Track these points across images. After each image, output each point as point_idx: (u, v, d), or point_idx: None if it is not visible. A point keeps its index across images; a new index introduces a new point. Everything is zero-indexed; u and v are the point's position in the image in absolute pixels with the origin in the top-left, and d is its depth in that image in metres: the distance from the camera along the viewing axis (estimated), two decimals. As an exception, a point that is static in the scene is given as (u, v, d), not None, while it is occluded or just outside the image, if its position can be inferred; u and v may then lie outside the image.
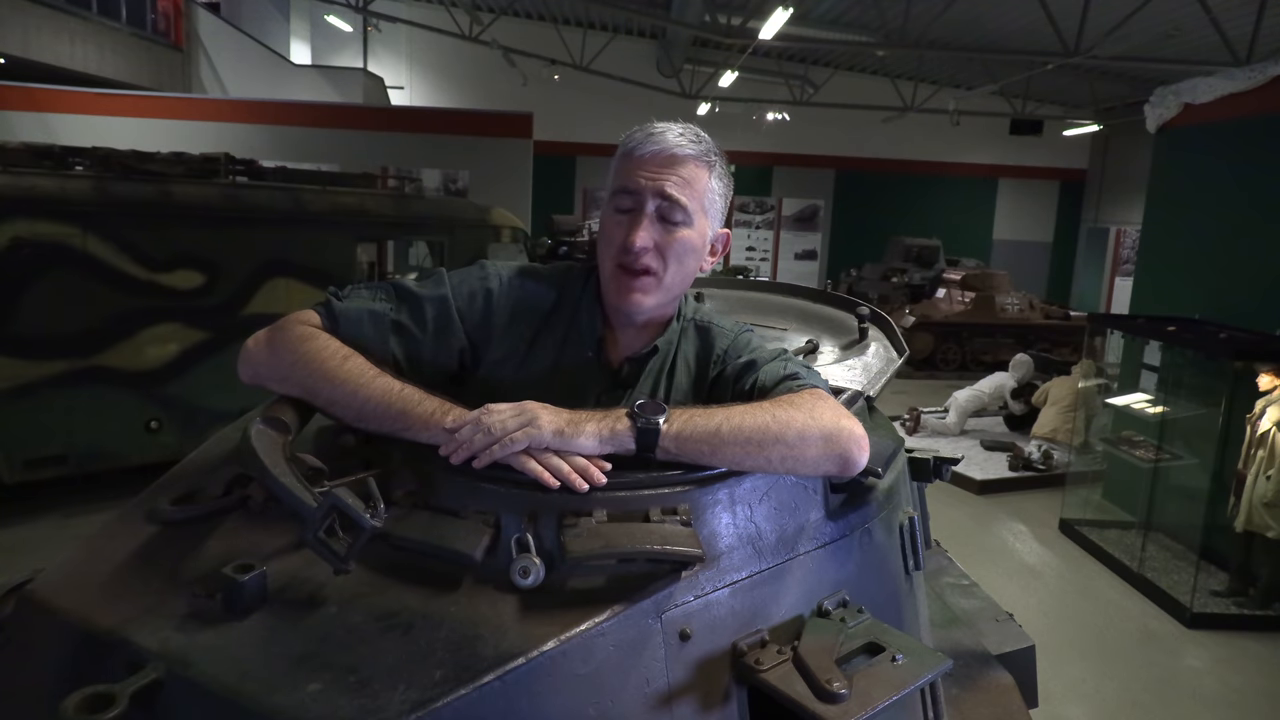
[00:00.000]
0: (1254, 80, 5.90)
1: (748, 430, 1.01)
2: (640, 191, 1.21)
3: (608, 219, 1.25)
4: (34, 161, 5.36)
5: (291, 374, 1.08)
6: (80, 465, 5.41)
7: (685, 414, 1.02)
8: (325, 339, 1.10)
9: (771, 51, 14.67)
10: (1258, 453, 4.71)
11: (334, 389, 1.06)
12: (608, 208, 1.26)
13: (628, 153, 1.23)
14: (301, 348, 1.09)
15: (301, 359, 1.08)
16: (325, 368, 1.07)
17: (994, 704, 1.70)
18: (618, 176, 1.24)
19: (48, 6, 11.67)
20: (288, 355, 1.08)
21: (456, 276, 1.25)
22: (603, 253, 1.25)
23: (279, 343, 1.10)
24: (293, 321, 1.12)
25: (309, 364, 1.07)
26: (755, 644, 0.94)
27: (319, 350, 1.08)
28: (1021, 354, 9.31)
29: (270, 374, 1.10)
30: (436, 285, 1.23)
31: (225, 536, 0.99)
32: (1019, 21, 11.56)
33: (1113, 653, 4.59)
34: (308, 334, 1.10)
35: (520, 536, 0.90)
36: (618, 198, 1.23)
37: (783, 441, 1.02)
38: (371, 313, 1.16)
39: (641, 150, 1.21)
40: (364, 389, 1.05)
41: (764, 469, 1.04)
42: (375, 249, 7.35)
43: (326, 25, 17.54)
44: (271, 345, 1.10)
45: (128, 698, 0.75)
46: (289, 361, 1.08)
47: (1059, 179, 19.12)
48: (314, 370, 1.07)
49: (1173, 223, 6.83)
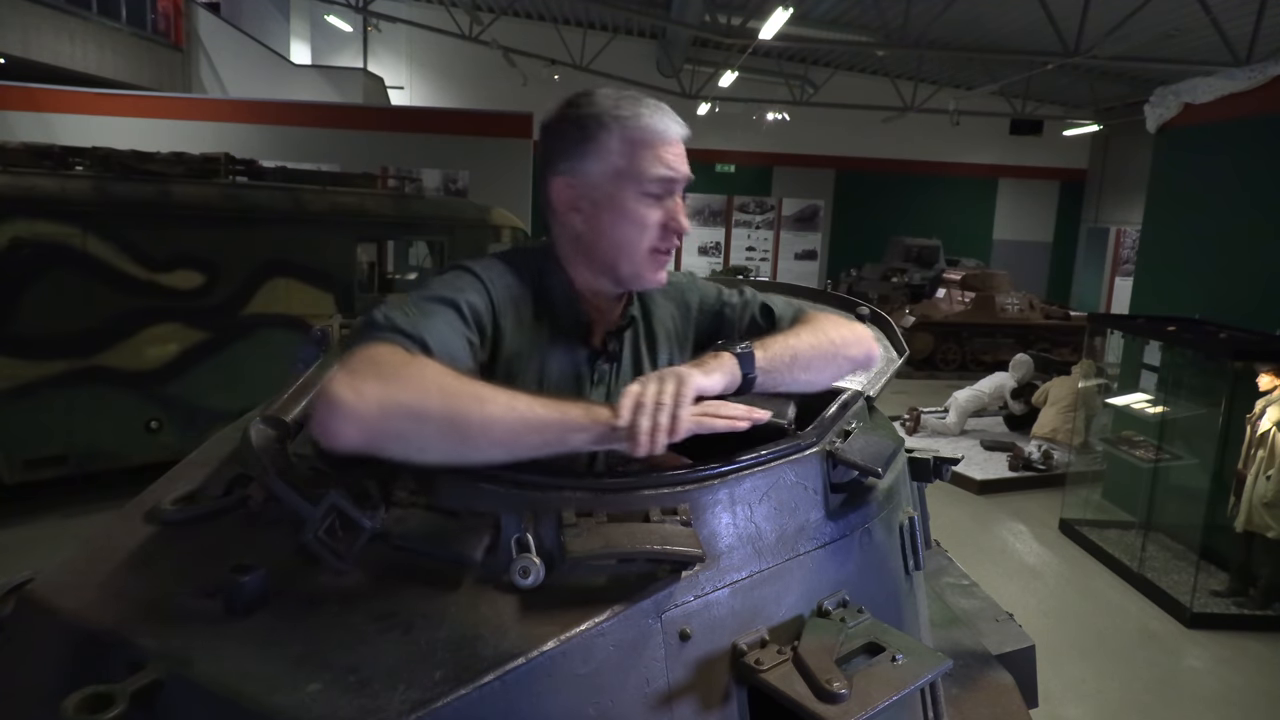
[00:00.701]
0: (1254, 80, 5.90)
1: (817, 348, 1.24)
2: (682, 176, 1.23)
3: (632, 203, 1.21)
4: (34, 161, 5.36)
5: (426, 407, 0.88)
6: (80, 465, 5.41)
7: (760, 344, 1.19)
8: (438, 364, 0.94)
9: (771, 51, 14.67)
10: (1258, 453, 4.70)
11: (486, 409, 0.90)
12: (626, 191, 1.21)
13: (650, 137, 1.21)
14: (427, 373, 0.91)
15: (437, 386, 0.90)
16: (468, 389, 0.91)
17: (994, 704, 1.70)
18: (644, 161, 1.20)
19: (48, 6, 11.67)
20: (414, 387, 0.89)
21: (452, 285, 1.16)
22: (628, 239, 1.22)
23: (394, 376, 0.89)
24: (380, 354, 0.93)
25: (446, 390, 0.90)
26: (755, 644, 0.94)
27: (443, 373, 0.92)
28: (1021, 354, 9.31)
29: (391, 422, 0.87)
30: (461, 292, 1.14)
31: (225, 536, 0.99)
32: (1019, 21, 11.56)
33: (1113, 653, 4.59)
34: (420, 360, 0.93)
35: (520, 536, 0.90)
36: (651, 185, 1.20)
37: (842, 352, 1.27)
38: (452, 329, 1.06)
39: (669, 135, 1.22)
40: (516, 402, 0.92)
41: (834, 377, 1.29)
42: (375, 249, 7.35)
43: (326, 25, 17.54)
44: (385, 382, 0.88)
45: (128, 698, 0.75)
46: (419, 393, 0.88)
47: (1059, 179, 19.12)
48: (458, 393, 0.90)
49: (1173, 223, 6.83)
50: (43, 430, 5.25)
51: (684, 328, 1.39)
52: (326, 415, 0.86)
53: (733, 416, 1.02)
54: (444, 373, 0.93)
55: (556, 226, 1.27)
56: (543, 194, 1.27)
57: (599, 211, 1.22)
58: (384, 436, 0.87)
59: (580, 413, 0.96)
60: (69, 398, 5.28)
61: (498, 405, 0.91)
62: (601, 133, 1.20)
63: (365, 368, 0.90)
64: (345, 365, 0.91)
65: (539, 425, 0.92)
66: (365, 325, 1.00)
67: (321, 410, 0.87)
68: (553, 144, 1.24)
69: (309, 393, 1.26)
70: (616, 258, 1.24)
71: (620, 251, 1.23)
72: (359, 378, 0.88)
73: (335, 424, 0.86)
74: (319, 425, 0.88)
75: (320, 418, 0.87)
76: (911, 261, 14.35)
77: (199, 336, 5.68)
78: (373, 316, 1.02)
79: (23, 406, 5.13)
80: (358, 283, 6.33)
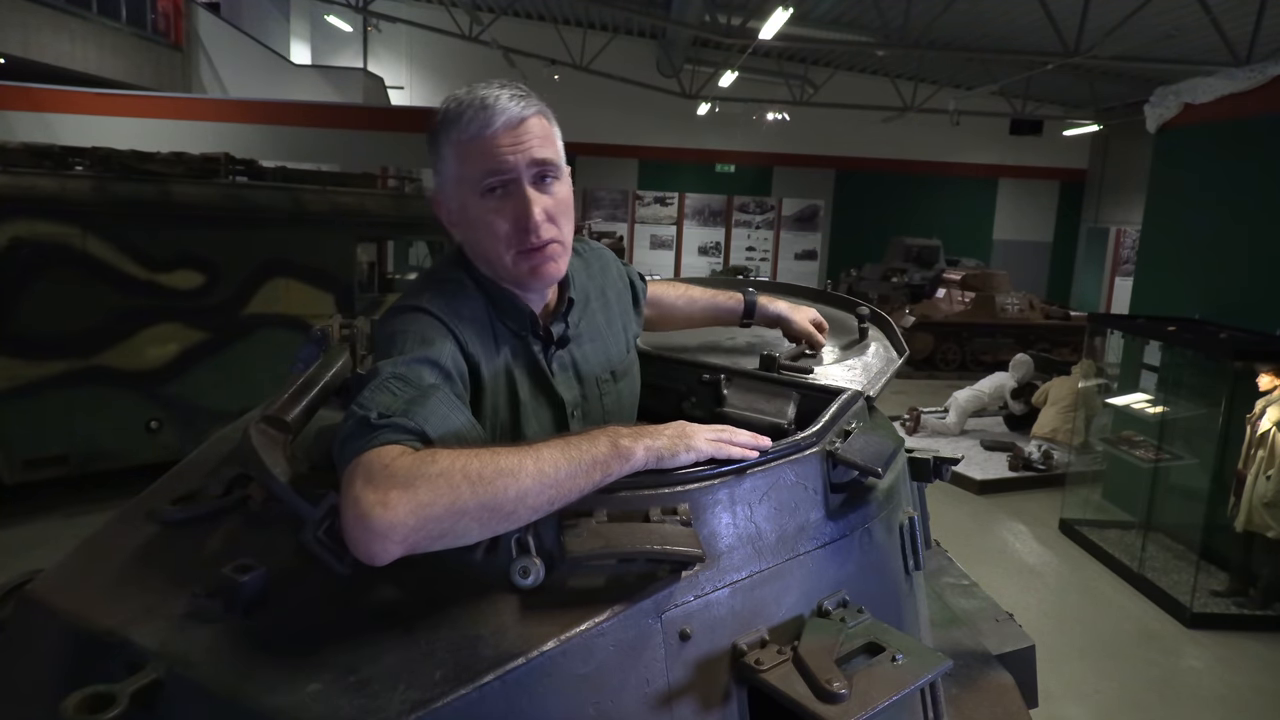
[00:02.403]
0: (1254, 80, 5.90)
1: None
2: (511, 167, 1.14)
3: (476, 210, 1.16)
4: (34, 161, 5.36)
5: (461, 503, 0.85)
6: (80, 465, 5.41)
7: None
8: (451, 451, 0.90)
9: (771, 51, 14.67)
10: (1258, 453, 4.71)
11: (519, 484, 0.88)
12: (468, 198, 1.16)
13: (473, 136, 1.13)
14: (448, 467, 0.87)
15: (463, 477, 0.86)
16: (491, 468, 0.88)
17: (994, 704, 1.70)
18: (470, 162, 1.14)
19: (48, 6, 11.68)
20: (442, 486, 0.85)
21: (421, 338, 1.09)
22: (489, 248, 1.18)
23: (417, 482, 0.85)
24: (390, 459, 0.87)
25: (472, 477, 0.86)
26: (755, 644, 0.94)
27: (466, 459, 0.88)
28: (1021, 354, 9.31)
29: (429, 526, 0.85)
30: (432, 345, 1.09)
31: (225, 536, 0.99)
32: (1019, 21, 11.56)
33: (1113, 653, 4.59)
34: (435, 455, 0.89)
35: (520, 536, 0.90)
36: (483, 182, 1.14)
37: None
38: (447, 403, 1.01)
39: (490, 126, 1.13)
40: (542, 464, 0.90)
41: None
42: (375, 249, 7.35)
43: (326, 25, 17.55)
44: (411, 490, 0.84)
45: (128, 698, 0.75)
46: (448, 491, 0.85)
47: (1059, 179, 19.11)
48: (485, 477, 0.87)
49: (1173, 223, 6.83)
50: (43, 430, 5.25)
51: (621, 293, 1.46)
52: (364, 536, 0.83)
53: (744, 445, 1.05)
54: (463, 459, 0.88)
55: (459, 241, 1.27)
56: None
57: (462, 224, 1.20)
58: (425, 541, 0.85)
59: (606, 449, 0.95)
60: (69, 398, 5.28)
61: (527, 475, 0.89)
62: (439, 145, 1.17)
63: (384, 480, 0.85)
64: (362, 478, 0.85)
65: (570, 481, 0.92)
66: (358, 427, 0.92)
67: (356, 531, 0.83)
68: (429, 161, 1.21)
69: (309, 393, 1.25)
70: (493, 264, 1.20)
71: (491, 258, 1.19)
72: (383, 491, 0.84)
73: (375, 544, 0.83)
74: (356, 546, 0.84)
75: (357, 538, 0.83)
76: (911, 261, 14.35)
77: (199, 336, 5.68)
78: (363, 415, 0.93)
79: (23, 406, 5.13)
80: (358, 283, 6.33)
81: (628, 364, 1.44)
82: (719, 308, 1.70)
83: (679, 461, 0.99)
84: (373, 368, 1.05)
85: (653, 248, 18.26)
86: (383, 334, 1.12)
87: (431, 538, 0.85)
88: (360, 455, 0.88)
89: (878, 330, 1.83)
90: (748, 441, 1.05)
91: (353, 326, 1.54)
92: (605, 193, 17.93)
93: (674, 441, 1.00)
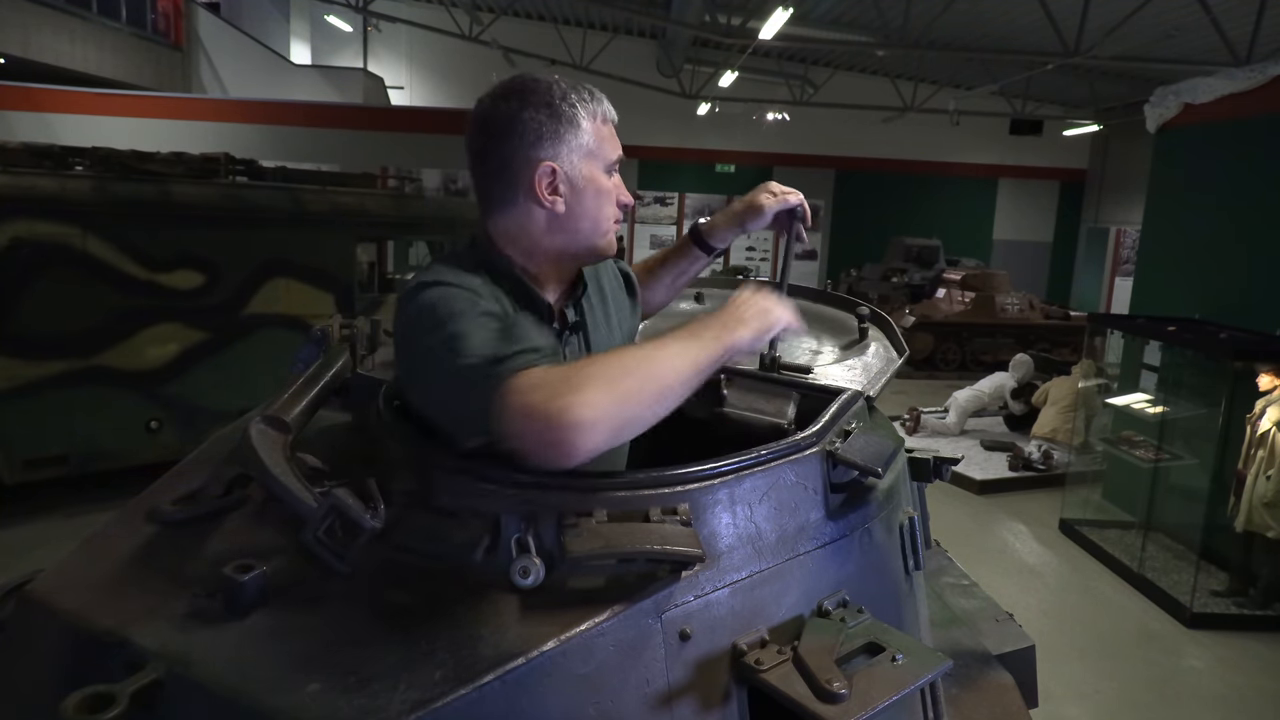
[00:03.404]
0: (1254, 80, 5.90)
1: None
2: (623, 158, 1.33)
3: (603, 183, 1.29)
4: (34, 161, 5.36)
5: (642, 390, 0.95)
6: (80, 465, 5.41)
7: None
8: (595, 356, 1.09)
9: (771, 51, 14.66)
10: (1258, 453, 4.70)
11: (674, 366, 1.00)
12: (596, 172, 1.28)
13: (607, 120, 1.30)
14: (609, 365, 0.97)
15: (625, 370, 0.96)
16: (647, 357, 0.99)
17: (994, 704, 1.70)
18: (607, 141, 1.29)
19: (48, 6, 11.67)
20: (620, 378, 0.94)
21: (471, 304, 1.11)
22: (606, 214, 1.30)
23: (597, 379, 0.93)
24: (552, 372, 0.95)
25: (635, 369, 0.97)
26: (755, 644, 0.94)
27: (615, 358, 1.00)
28: (1021, 354, 9.31)
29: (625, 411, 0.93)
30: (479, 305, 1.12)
31: (225, 536, 0.99)
32: (1019, 21, 11.56)
33: (1113, 653, 4.59)
34: (587, 361, 1.03)
35: (520, 536, 0.90)
36: (612, 163, 1.30)
37: None
38: (536, 328, 1.12)
39: (614, 118, 1.31)
40: (680, 346, 1.03)
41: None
42: (375, 249, 7.35)
43: (326, 25, 17.54)
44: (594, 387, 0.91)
45: (128, 698, 0.75)
46: (625, 380, 0.95)
47: (1059, 179, 19.11)
48: (646, 364, 0.98)
49: (1173, 223, 6.83)
50: (43, 430, 5.25)
51: (616, 284, 1.51)
52: (565, 437, 0.88)
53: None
54: (614, 358, 0.99)
55: (519, 213, 1.25)
56: (511, 179, 1.24)
57: (579, 192, 1.27)
58: (620, 429, 0.93)
59: (717, 330, 1.08)
60: (69, 398, 5.28)
61: (673, 356, 1.01)
62: (575, 114, 1.25)
63: (562, 387, 0.90)
64: (532, 396, 0.90)
65: (707, 362, 1.04)
66: (480, 368, 0.96)
67: (555, 435, 0.88)
68: (526, 130, 1.22)
69: (309, 392, 1.25)
70: (593, 233, 1.30)
71: (597, 226, 1.30)
72: (568, 395, 0.89)
73: (580, 440, 0.88)
74: (553, 450, 0.89)
75: (559, 439, 0.88)
76: (911, 261, 14.34)
77: (199, 336, 5.68)
78: (475, 361, 0.97)
79: (23, 406, 5.13)
80: (358, 283, 6.33)
81: None
82: (670, 255, 1.68)
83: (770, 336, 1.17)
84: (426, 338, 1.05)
85: (653, 248, 18.24)
86: (419, 306, 1.11)
87: (623, 425, 0.93)
88: (508, 381, 0.92)
89: (878, 330, 1.83)
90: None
91: (353, 326, 1.54)
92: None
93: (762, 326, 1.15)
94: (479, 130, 1.26)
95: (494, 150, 1.25)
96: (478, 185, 1.29)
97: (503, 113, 1.23)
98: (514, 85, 1.26)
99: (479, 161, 1.27)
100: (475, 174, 1.29)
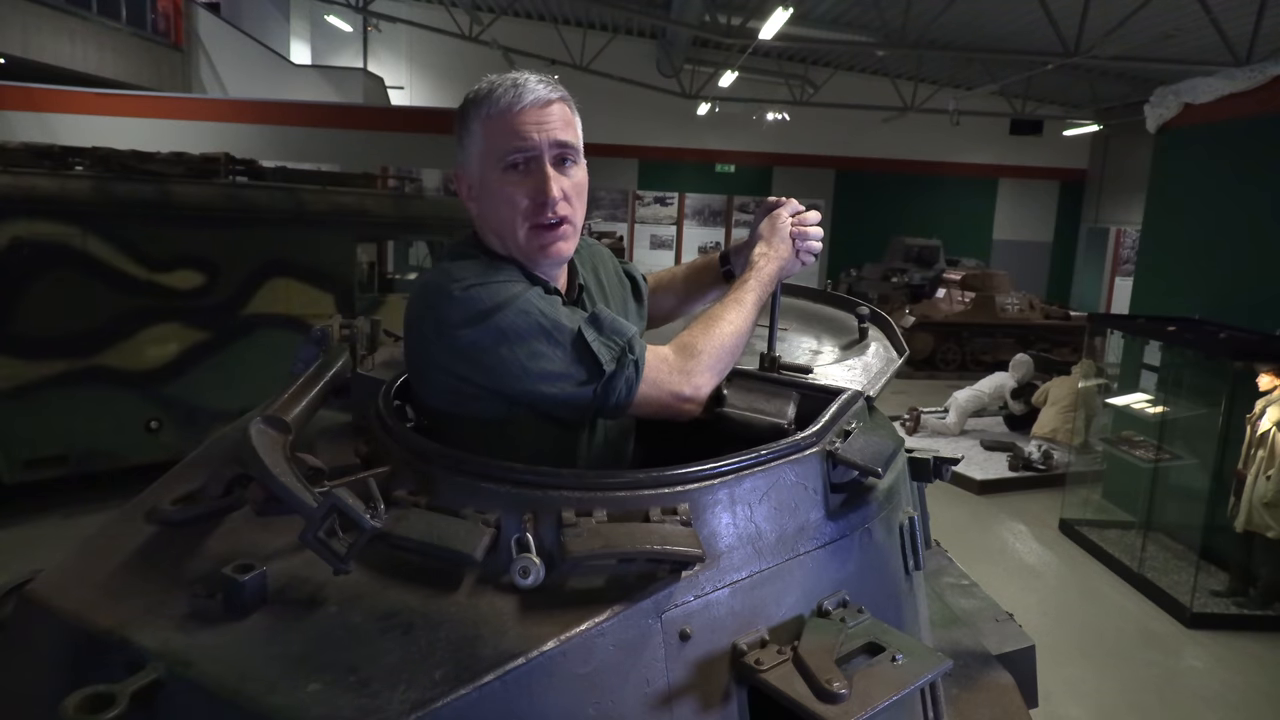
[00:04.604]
0: (1254, 80, 5.90)
1: None
2: (535, 144, 1.20)
3: (497, 183, 1.22)
4: (34, 161, 5.36)
5: (729, 360, 1.28)
6: (80, 465, 5.41)
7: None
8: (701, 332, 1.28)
9: (771, 51, 14.67)
10: (1258, 453, 4.70)
11: (743, 325, 1.31)
12: (490, 172, 1.22)
13: (501, 111, 1.20)
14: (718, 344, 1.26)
15: (727, 349, 1.27)
16: (735, 328, 1.29)
17: (994, 704, 1.70)
18: (497, 136, 1.20)
19: (48, 6, 11.68)
20: (722, 359, 1.26)
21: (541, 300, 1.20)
22: (505, 219, 1.23)
23: (710, 360, 1.25)
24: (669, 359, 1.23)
25: (728, 344, 1.27)
26: (755, 644, 0.94)
27: (703, 329, 1.27)
28: (1021, 354, 9.31)
29: (718, 380, 1.28)
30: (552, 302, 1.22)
31: (225, 536, 0.99)
32: (1019, 21, 11.56)
33: (1113, 653, 4.59)
34: (696, 336, 1.26)
35: (520, 536, 0.90)
36: (507, 157, 1.20)
37: None
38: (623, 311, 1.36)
39: (519, 104, 1.19)
40: (737, 302, 1.32)
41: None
42: (375, 249, 7.35)
43: (326, 25, 17.56)
44: (709, 372, 1.25)
45: (128, 698, 0.75)
46: (724, 359, 1.27)
47: (1059, 179, 19.11)
48: (734, 340, 1.28)
49: (1173, 223, 6.83)
50: (43, 430, 5.25)
51: (617, 284, 1.49)
52: (693, 407, 1.24)
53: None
54: (714, 339, 1.26)
55: (473, 216, 1.31)
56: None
57: (481, 197, 1.25)
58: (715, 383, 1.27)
59: (750, 273, 1.38)
60: (69, 398, 5.28)
61: (743, 320, 1.31)
62: (468, 119, 1.23)
63: (686, 371, 1.22)
64: (667, 374, 1.21)
65: (757, 307, 1.35)
66: (620, 359, 1.17)
67: (686, 406, 1.23)
68: (457, 139, 1.28)
69: (309, 392, 1.25)
70: (505, 238, 1.25)
71: (505, 232, 1.24)
72: (697, 375, 1.23)
73: (698, 407, 1.25)
74: (679, 414, 1.24)
75: (685, 410, 1.23)
76: (911, 261, 14.34)
77: (199, 336, 5.68)
78: (613, 355, 1.17)
79: (23, 406, 5.13)
80: (358, 283, 6.33)
81: None
82: (696, 265, 1.68)
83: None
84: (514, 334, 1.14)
85: (653, 248, 18.26)
86: (478, 309, 1.14)
87: (717, 381, 1.27)
88: (641, 368, 1.18)
89: (878, 330, 1.82)
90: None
91: (353, 326, 1.54)
92: (605, 193, 17.91)
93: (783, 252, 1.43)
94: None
95: None
96: None
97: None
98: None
99: None
100: None
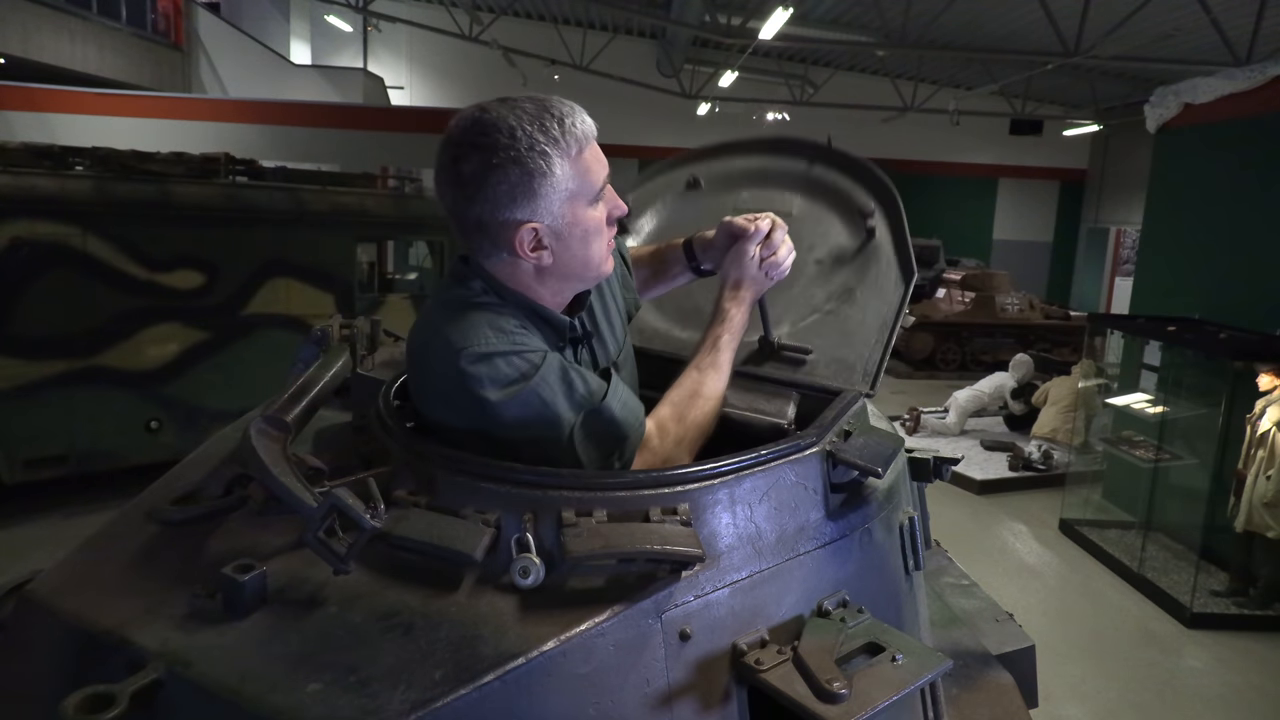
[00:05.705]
0: (1254, 80, 5.90)
1: None
2: (608, 172, 1.22)
3: (587, 218, 1.18)
4: (34, 161, 5.36)
5: (708, 427, 1.32)
6: (80, 465, 5.41)
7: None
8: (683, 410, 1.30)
9: (771, 51, 14.67)
10: (1258, 453, 4.70)
11: (717, 389, 1.33)
12: (581, 209, 1.17)
13: (582, 144, 1.16)
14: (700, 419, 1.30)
15: (706, 422, 1.31)
16: (697, 405, 1.31)
17: (994, 704, 1.70)
18: (589, 170, 1.16)
19: (48, 6, 11.68)
20: (703, 429, 1.30)
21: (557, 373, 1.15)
22: (594, 251, 1.21)
23: (693, 432, 1.29)
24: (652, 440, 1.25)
25: (693, 416, 1.29)
26: (755, 644, 0.94)
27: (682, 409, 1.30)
28: (1021, 354, 9.31)
29: (694, 447, 1.29)
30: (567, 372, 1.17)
31: (225, 536, 0.99)
32: (1019, 21, 11.57)
33: (1113, 653, 4.59)
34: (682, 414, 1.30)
35: (520, 536, 0.90)
36: (600, 188, 1.18)
37: None
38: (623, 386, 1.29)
39: (591, 133, 1.18)
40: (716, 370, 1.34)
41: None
42: (375, 249, 7.35)
43: (326, 25, 17.55)
44: (690, 443, 1.28)
45: (128, 698, 0.75)
46: (705, 429, 1.31)
47: (1059, 179, 19.12)
48: (713, 408, 1.32)
49: (1173, 223, 6.83)
50: (43, 430, 5.25)
51: (613, 284, 1.44)
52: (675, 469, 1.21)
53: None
54: (694, 416, 1.30)
55: (509, 265, 1.18)
56: (493, 239, 1.15)
57: (565, 240, 1.18)
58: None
59: (722, 328, 1.36)
60: (69, 398, 5.28)
61: (717, 384, 1.34)
62: (552, 164, 1.12)
63: (676, 444, 1.27)
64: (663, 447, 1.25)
65: (729, 364, 1.37)
66: (633, 431, 1.21)
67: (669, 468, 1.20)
68: (497, 193, 1.11)
69: (309, 393, 1.25)
70: (584, 270, 1.22)
71: (588, 263, 1.22)
72: (682, 444, 1.27)
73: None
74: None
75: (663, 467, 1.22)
76: (911, 261, 14.35)
77: (199, 336, 5.68)
78: (623, 424, 1.19)
79: (23, 406, 5.13)
80: (358, 283, 6.33)
81: (626, 353, 1.46)
82: (662, 255, 1.59)
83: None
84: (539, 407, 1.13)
85: (653, 248, 18.25)
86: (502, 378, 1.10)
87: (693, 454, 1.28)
88: (642, 442, 1.24)
89: (883, 223, 1.79)
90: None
91: (353, 326, 1.54)
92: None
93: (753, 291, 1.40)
94: (446, 183, 1.14)
95: (466, 209, 1.14)
96: (459, 232, 1.19)
97: (467, 173, 1.11)
98: (473, 136, 1.11)
99: (452, 215, 1.17)
100: (453, 223, 1.18)
